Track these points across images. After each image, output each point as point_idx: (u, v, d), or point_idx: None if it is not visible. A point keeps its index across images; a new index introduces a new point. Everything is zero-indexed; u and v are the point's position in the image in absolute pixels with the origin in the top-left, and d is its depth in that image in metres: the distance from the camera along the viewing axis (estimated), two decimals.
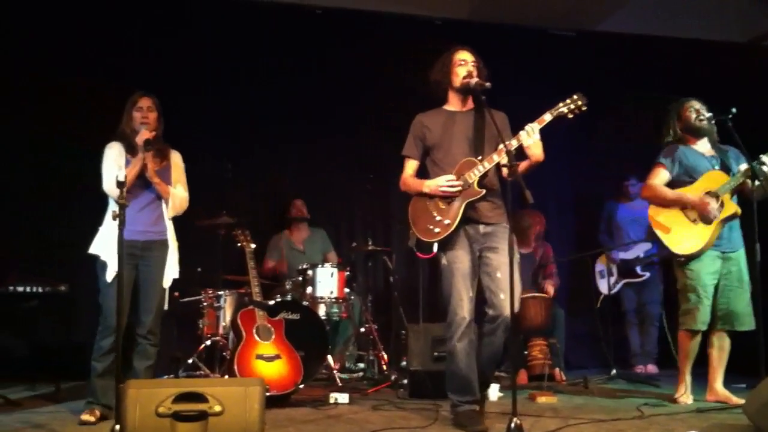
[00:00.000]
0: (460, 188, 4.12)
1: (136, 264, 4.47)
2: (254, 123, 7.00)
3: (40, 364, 5.94)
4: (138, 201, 4.44)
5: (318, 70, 7.12)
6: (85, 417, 4.28)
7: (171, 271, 4.60)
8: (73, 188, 5.76)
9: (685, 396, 4.85)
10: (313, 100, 7.11)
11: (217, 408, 3.08)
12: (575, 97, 4.04)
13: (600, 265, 7.12)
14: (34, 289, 5.46)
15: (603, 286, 6.98)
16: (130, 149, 4.49)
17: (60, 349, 6.14)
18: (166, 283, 4.59)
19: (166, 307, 4.59)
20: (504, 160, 3.99)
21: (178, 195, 4.61)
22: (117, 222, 3.78)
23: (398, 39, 7.05)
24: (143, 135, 4.41)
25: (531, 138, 3.99)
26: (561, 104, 4.05)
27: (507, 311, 4.06)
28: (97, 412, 4.32)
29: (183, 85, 6.69)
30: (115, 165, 4.42)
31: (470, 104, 4.33)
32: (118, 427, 3.28)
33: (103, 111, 4.74)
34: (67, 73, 6.45)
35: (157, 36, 6.77)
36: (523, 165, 4.02)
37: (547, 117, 4.03)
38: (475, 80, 4.15)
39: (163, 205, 4.58)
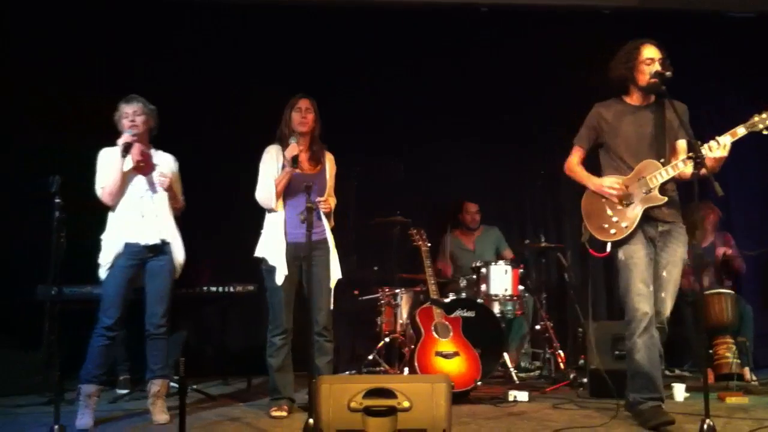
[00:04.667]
0: (619, 195, 4.06)
1: (300, 265, 4.62)
2: (425, 122, 7.06)
3: (231, 361, 6.30)
4: (299, 205, 4.45)
5: (487, 68, 7.10)
6: (277, 413, 4.50)
7: (335, 272, 4.73)
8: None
9: None
10: (482, 97, 7.12)
11: (406, 404, 3.16)
12: None
13: None
14: (225, 289, 5.75)
15: None
16: None
17: (249, 346, 6.49)
18: (332, 283, 4.72)
19: (332, 306, 4.71)
20: (689, 166, 3.86)
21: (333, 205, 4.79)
22: (277, 225, 3.94)
23: (566, 32, 6.94)
24: (291, 150, 4.55)
25: (721, 152, 3.85)
26: (756, 117, 3.86)
27: (664, 310, 4.03)
28: (285, 407, 4.54)
29: (355, 87, 6.90)
30: (268, 172, 4.63)
31: (652, 98, 4.19)
32: (311, 420, 3.46)
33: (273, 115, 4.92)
34: (242, 85, 6.77)
35: (326, 41, 6.95)
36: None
37: (741, 131, 3.87)
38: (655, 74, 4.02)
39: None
